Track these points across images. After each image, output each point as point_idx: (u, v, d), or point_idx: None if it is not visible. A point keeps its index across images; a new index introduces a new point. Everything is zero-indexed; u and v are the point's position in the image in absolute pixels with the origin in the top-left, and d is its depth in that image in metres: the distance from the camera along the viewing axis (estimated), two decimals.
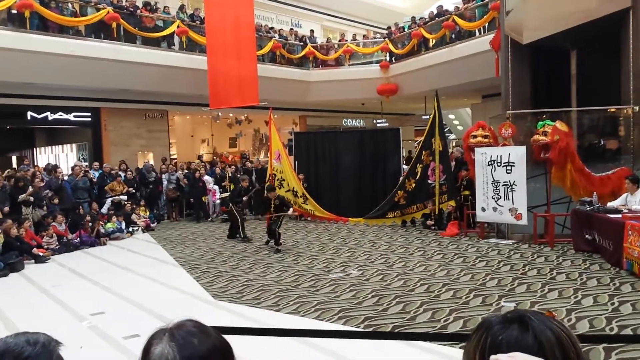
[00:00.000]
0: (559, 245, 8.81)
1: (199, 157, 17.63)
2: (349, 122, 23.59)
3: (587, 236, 8.24)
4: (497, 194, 9.42)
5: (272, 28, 19.12)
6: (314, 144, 14.18)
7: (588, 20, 9.26)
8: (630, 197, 8.04)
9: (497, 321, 0.93)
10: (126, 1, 14.93)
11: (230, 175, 14.41)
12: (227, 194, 14.09)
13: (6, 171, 11.85)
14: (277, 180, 12.60)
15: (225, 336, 1.11)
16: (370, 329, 5.27)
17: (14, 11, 12.37)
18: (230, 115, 20.55)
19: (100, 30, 13.86)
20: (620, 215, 7.55)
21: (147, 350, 1.03)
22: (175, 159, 18.13)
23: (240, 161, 16.87)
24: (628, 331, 4.90)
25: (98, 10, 13.68)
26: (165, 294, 7.00)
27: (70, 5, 13.96)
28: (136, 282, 7.78)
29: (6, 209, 10.17)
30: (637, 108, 9.13)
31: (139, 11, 14.92)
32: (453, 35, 15.98)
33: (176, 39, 15.41)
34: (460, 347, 4.20)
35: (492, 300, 5.97)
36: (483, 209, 9.71)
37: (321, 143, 14.15)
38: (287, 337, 4.45)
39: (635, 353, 4.22)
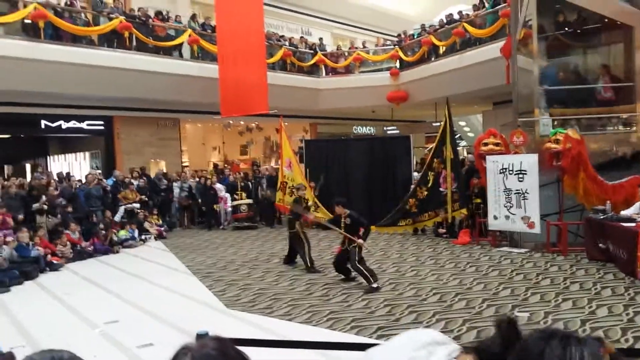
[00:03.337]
0: (572, 254, 8.75)
1: (215, 166, 17.71)
2: (359, 130, 23.61)
3: (600, 245, 8.18)
4: (510, 202, 9.39)
5: (282, 36, 19.23)
6: (325, 151, 14.20)
7: None
8: None
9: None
10: (138, 10, 15.09)
11: (241, 184, 14.44)
12: (244, 202, 14.06)
13: (18, 180, 11.97)
14: (289, 188, 12.62)
15: (241, 347, 1.13)
16: (383, 340, 5.26)
17: (28, 21, 12.55)
18: (241, 123, 20.64)
19: (112, 40, 14.02)
20: (634, 224, 7.50)
21: None
22: (187, 166, 18.23)
23: (252, 168, 16.94)
24: None
25: (111, 19, 13.84)
26: (179, 303, 7.03)
27: (83, 15, 14.16)
28: (149, 290, 7.82)
29: (20, 217, 10.30)
30: None
31: (151, 20, 15.08)
32: (466, 42, 15.97)
33: (188, 48, 15.55)
34: None
35: (505, 310, 5.94)
36: (495, 217, 9.67)
37: (332, 151, 14.17)
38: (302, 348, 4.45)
39: None
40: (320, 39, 20.69)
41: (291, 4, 22.46)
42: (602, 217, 8.33)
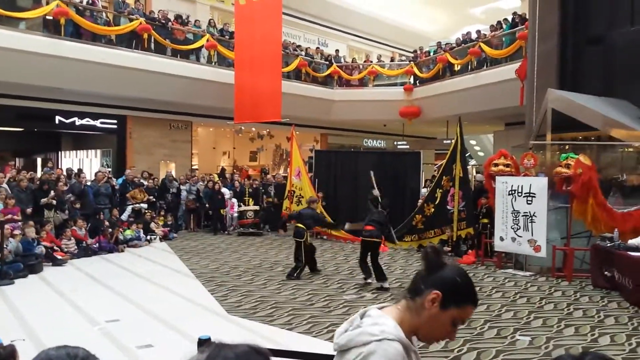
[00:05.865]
0: (577, 280, 8.68)
1: (222, 171, 17.81)
2: (370, 143, 23.66)
3: (606, 272, 8.12)
4: (517, 224, 9.34)
5: (299, 46, 19.37)
6: (334, 162, 14.23)
7: None
8: None
9: None
10: (158, 13, 15.28)
11: (250, 190, 14.47)
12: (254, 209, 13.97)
13: (29, 173, 12.06)
14: (296, 197, 12.66)
15: None
16: None
17: (50, 18, 12.73)
18: (253, 129, 20.75)
19: (131, 40, 14.18)
20: None
21: None
22: (197, 169, 18.32)
23: (261, 175, 16.99)
24: None
25: (131, 20, 14.02)
26: (181, 306, 7.05)
27: (104, 14, 14.35)
28: (152, 291, 7.85)
29: (29, 210, 10.38)
30: None
31: (170, 23, 15.25)
32: (481, 61, 16.00)
33: (205, 52, 15.70)
34: None
35: (507, 333, 5.91)
36: (501, 239, 9.63)
37: (341, 162, 14.20)
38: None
39: None
40: (337, 50, 20.83)
41: (310, 14, 22.65)
42: (609, 244, 8.27)
